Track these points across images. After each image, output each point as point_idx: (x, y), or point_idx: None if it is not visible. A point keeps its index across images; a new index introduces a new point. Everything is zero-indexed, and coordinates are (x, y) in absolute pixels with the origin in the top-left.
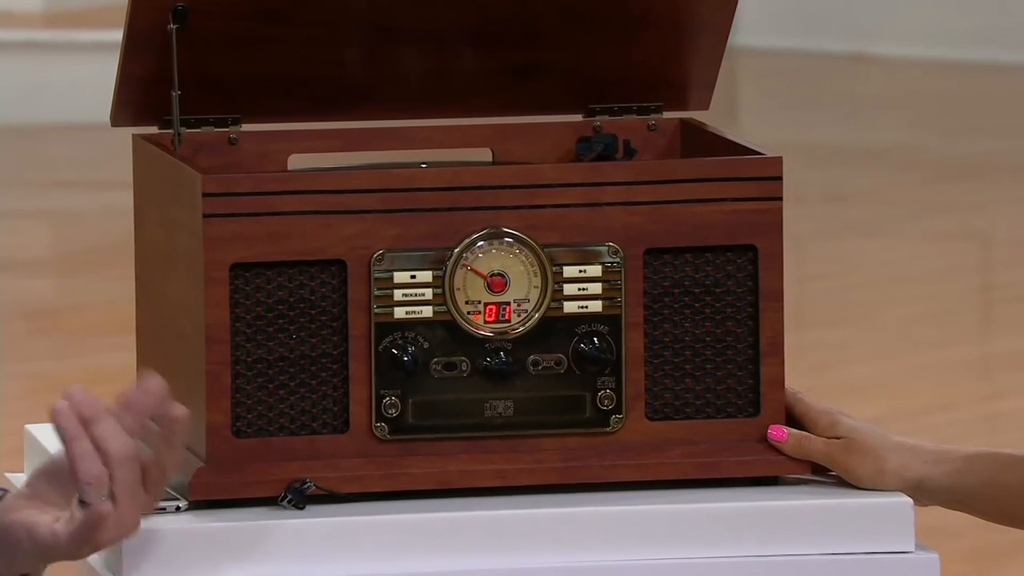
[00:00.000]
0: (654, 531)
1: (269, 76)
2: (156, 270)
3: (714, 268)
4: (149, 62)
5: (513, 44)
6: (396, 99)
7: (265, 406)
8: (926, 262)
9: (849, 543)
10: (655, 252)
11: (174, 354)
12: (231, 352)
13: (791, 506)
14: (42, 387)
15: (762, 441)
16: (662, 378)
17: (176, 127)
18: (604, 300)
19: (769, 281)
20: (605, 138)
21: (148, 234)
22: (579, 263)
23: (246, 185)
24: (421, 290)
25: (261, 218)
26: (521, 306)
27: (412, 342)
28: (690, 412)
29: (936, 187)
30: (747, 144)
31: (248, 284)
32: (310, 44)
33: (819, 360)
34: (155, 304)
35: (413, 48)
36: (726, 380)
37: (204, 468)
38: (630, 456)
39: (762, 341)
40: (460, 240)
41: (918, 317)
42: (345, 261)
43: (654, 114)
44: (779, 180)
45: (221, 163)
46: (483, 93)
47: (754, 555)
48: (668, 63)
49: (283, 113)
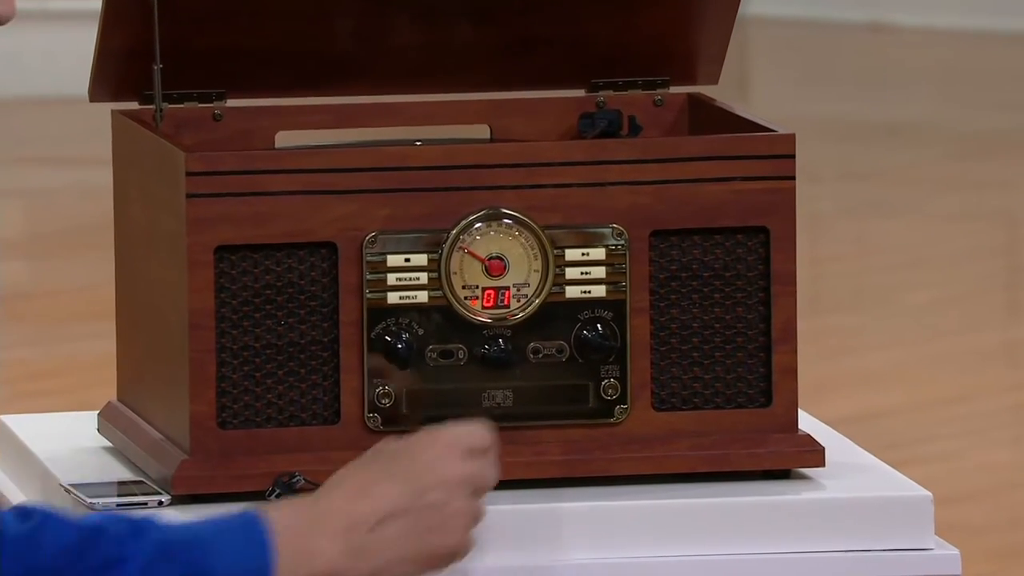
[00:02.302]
0: (661, 527)
1: (256, 49)
2: (136, 253)
3: (723, 251)
4: (129, 33)
5: (512, 15)
6: (389, 73)
7: (252, 396)
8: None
9: (865, 539)
10: (661, 234)
11: (155, 341)
12: (216, 339)
13: (804, 501)
14: (15, 376)
15: (774, 432)
16: (669, 366)
17: (158, 102)
18: (608, 285)
19: (781, 264)
20: (609, 114)
21: (128, 215)
22: (582, 246)
23: (231, 163)
24: (416, 274)
25: (247, 198)
26: (521, 291)
27: (406, 329)
28: (698, 402)
29: (959, 164)
30: (758, 120)
31: (234, 268)
32: (299, 15)
33: (834, 347)
34: (135, 289)
35: (407, 19)
36: (736, 368)
37: (188, 461)
38: (635, 448)
39: (774, 327)
40: (456, 221)
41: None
42: (336, 243)
43: (660, 89)
44: (792, 158)
45: (205, 140)
46: (481, 67)
47: (766, 552)
48: (675, 34)
49: (270, 88)
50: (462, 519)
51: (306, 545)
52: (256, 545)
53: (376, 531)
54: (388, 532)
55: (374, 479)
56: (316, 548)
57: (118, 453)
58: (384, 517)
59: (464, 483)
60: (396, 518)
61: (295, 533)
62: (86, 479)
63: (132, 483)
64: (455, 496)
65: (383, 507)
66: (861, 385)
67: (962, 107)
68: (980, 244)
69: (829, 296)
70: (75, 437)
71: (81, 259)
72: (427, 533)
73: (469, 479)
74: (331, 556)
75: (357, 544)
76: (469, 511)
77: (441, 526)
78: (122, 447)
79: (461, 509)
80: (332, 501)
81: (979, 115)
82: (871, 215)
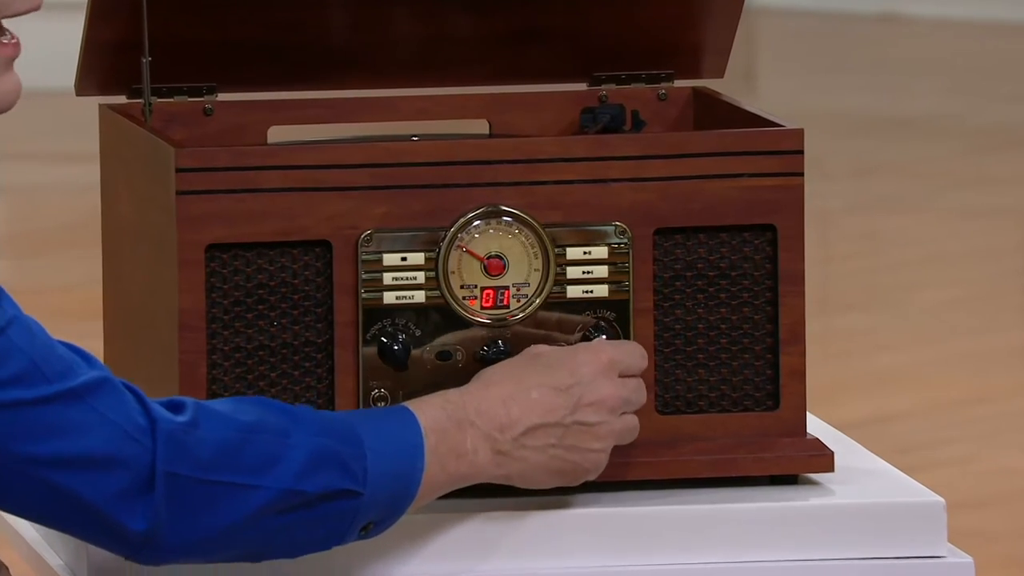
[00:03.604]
0: (665, 534)
1: (247, 41)
2: (125, 251)
3: (729, 249)
4: (117, 25)
5: (512, 6)
6: (385, 66)
7: None
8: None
9: (876, 547)
10: (666, 232)
11: (145, 342)
12: (207, 340)
13: (813, 507)
14: None
15: (782, 436)
16: (673, 368)
17: (147, 96)
18: (610, 284)
19: (789, 263)
20: (611, 109)
21: (116, 212)
22: (583, 244)
23: (223, 159)
24: (412, 273)
25: (239, 195)
26: (521, 291)
27: (403, 329)
28: (703, 405)
29: (973, 159)
30: (765, 115)
31: (225, 267)
32: (292, 6)
33: (845, 348)
34: (124, 288)
35: (404, 10)
36: (742, 371)
37: None
38: (639, 453)
39: (782, 328)
40: (455, 219)
41: (953, 301)
42: (330, 242)
43: (664, 82)
44: (800, 154)
45: (195, 135)
46: (480, 59)
47: (773, 560)
48: (679, 27)
49: (263, 81)
50: (607, 440)
51: (455, 444)
52: (410, 435)
53: (523, 438)
54: (534, 441)
55: (530, 385)
56: (464, 447)
57: None
58: (535, 427)
59: (618, 405)
60: (546, 429)
61: (446, 430)
62: None
63: None
64: (607, 417)
65: (536, 416)
66: (872, 387)
67: (976, 100)
68: (995, 241)
69: (838, 296)
70: None
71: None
72: (570, 450)
73: (623, 401)
74: (476, 458)
75: (503, 448)
76: (615, 432)
77: (586, 445)
78: None
79: (610, 430)
80: (484, 401)
81: (994, 108)
82: (882, 212)
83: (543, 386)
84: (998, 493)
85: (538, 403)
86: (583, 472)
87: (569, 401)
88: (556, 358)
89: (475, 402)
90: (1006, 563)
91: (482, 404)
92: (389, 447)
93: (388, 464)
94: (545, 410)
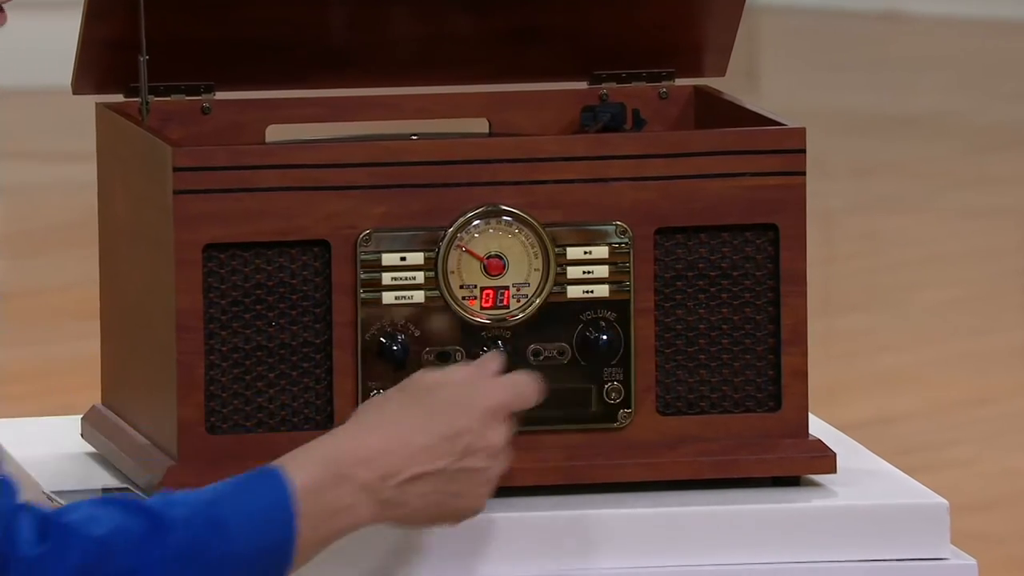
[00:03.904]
0: (666, 536)
1: (245, 39)
2: (122, 251)
3: (731, 249)
4: (114, 23)
5: (512, 4)
6: (384, 65)
7: (241, 400)
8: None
9: (878, 549)
10: (667, 232)
11: (141, 343)
12: (204, 341)
13: (815, 508)
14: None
15: (784, 438)
16: (674, 369)
17: (144, 95)
18: (611, 284)
19: (791, 263)
20: (612, 107)
21: (113, 211)
22: (584, 244)
23: (220, 158)
24: (412, 273)
25: (237, 195)
26: (521, 291)
27: (402, 330)
28: (705, 406)
29: (975, 158)
30: (767, 113)
31: (223, 267)
32: (290, 4)
33: (847, 349)
34: (121, 288)
35: (403, 9)
36: (744, 371)
37: (175, 467)
38: (639, 454)
39: (783, 329)
40: (454, 219)
41: (955, 301)
42: (329, 242)
43: (665, 81)
44: (802, 153)
45: (193, 134)
46: (479, 58)
47: (775, 562)
48: (680, 24)
49: (260, 80)
50: (491, 484)
51: (332, 501)
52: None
53: (406, 485)
54: (418, 489)
55: (416, 429)
56: (342, 502)
57: (102, 459)
58: (419, 475)
59: (502, 448)
60: (431, 477)
61: (322, 489)
62: (69, 486)
63: (117, 491)
64: (491, 462)
65: (419, 465)
66: (874, 388)
67: (979, 99)
68: (997, 241)
69: (841, 296)
70: (57, 442)
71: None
72: (454, 496)
73: (506, 444)
74: (356, 511)
75: (385, 496)
76: (497, 476)
77: (471, 490)
78: (106, 453)
79: (495, 474)
80: (367, 449)
81: (996, 107)
82: (884, 211)
83: (430, 432)
84: (1002, 495)
85: (423, 451)
86: (465, 513)
87: (456, 448)
88: (446, 399)
89: (358, 451)
90: (1010, 565)
91: (365, 453)
92: (256, 525)
93: (256, 541)
94: (431, 457)
